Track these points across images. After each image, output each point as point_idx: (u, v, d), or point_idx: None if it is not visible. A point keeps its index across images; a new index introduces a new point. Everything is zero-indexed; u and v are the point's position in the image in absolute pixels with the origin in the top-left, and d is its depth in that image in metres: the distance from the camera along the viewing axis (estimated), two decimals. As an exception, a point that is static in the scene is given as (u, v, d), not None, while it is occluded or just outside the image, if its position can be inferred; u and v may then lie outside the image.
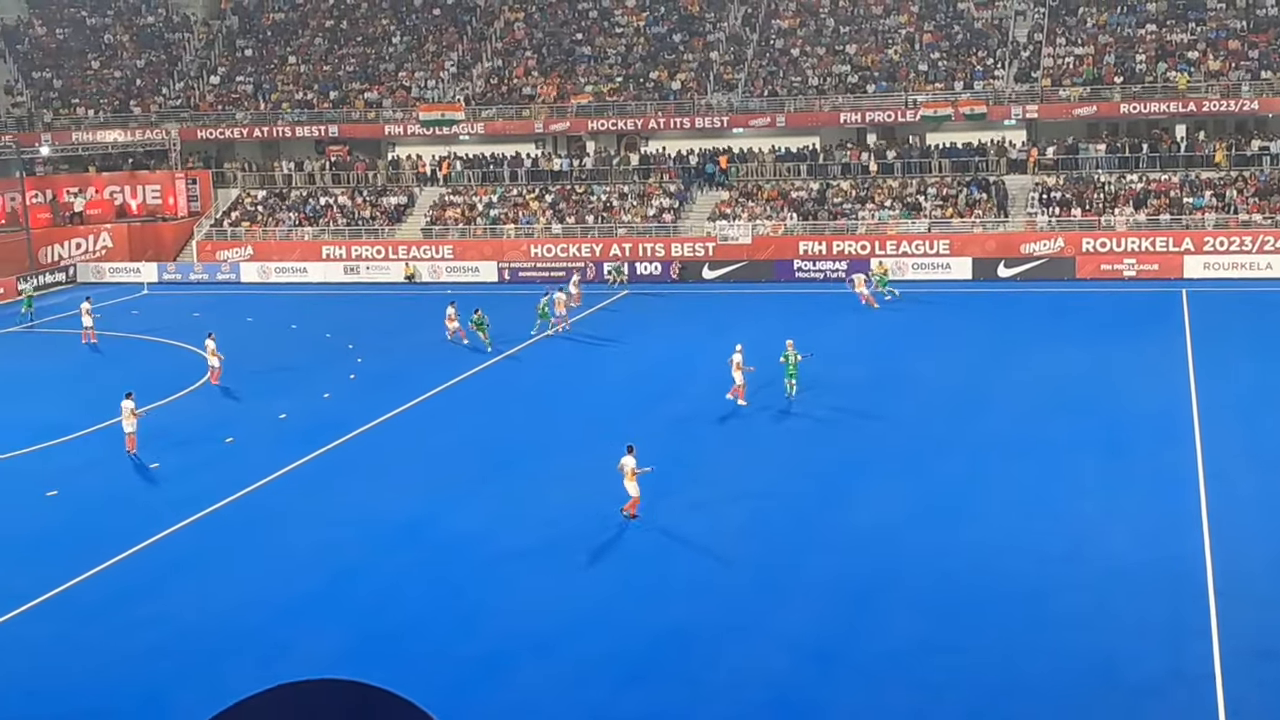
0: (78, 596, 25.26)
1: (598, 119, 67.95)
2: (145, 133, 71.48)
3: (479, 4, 77.03)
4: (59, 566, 26.47)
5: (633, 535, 27.55)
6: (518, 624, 23.40)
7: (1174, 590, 23.62)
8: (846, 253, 59.56)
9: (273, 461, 33.32)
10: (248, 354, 46.59)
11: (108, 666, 22.06)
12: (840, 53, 68.79)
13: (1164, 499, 28.48)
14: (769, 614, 23.43)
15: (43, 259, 66.00)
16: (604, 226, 63.81)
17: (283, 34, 77.61)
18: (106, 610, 24.56)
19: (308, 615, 24.00)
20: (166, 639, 23.08)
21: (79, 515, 30.12)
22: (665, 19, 73.24)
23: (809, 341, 43.18)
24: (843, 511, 28.67)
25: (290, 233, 67.34)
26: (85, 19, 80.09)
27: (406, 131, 69.85)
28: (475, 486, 31.31)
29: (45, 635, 23.60)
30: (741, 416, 36.51)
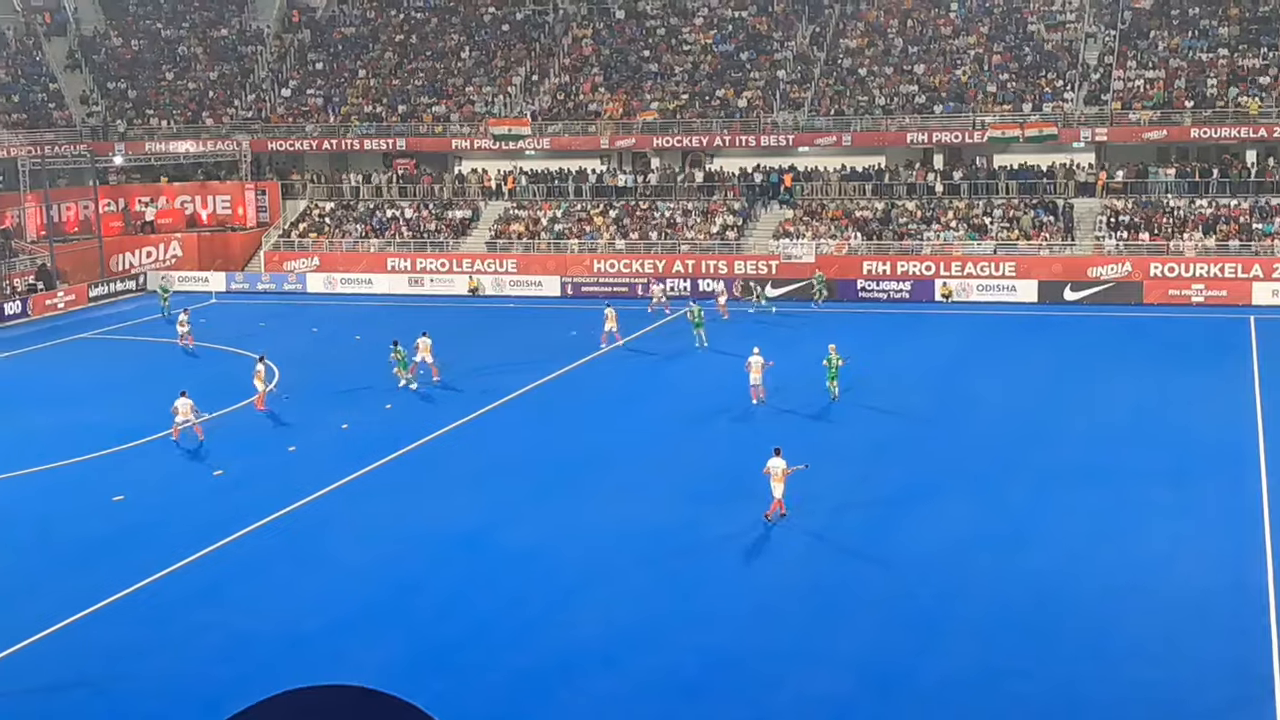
0: (143, 600, 25.55)
1: (663, 136, 68.08)
2: (217, 144, 72.37)
3: (548, 20, 77.46)
4: (124, 570, 26.79)
5: (690, 555, 27.49)
6: (575, 638, 23.42)
7: (1238, 622, 23.29)
8: (911, 273, 59.32)
9: (334, 471, 33.57)
10: (312, 364, 47.02)
11: (170, 672, 22.29)
12: (908, 73, 68.55)
13: (1229, 530, 28.07)
14: (830, 637, 23.30)
15: (114, 267, 66.91)
16: (667, 243, 63.89)
17: (353, 48, 78.38)
18: (169, 615, 24.82)
19: (367, 625, 24.14)
20: (227, 645, 23.30)
21: (144, 520, 30.47)
22: (733, 37, 73.31)
23: (875, 363, 43.10)
24: (905, 535, 28.48)
25: (356, 244, 67.94)
26: (161, 31, 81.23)
27: (473, 146, 70.30)
28: (536, 498, 31.39)
29: (113, 638, 23.87)
30: (802, 436, 36.39)
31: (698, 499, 31.08)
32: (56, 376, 44.32)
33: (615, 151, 69.90)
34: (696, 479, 32.73)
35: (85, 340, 51.29)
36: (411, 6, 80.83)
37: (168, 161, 72.45)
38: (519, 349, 49.20)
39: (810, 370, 40.77)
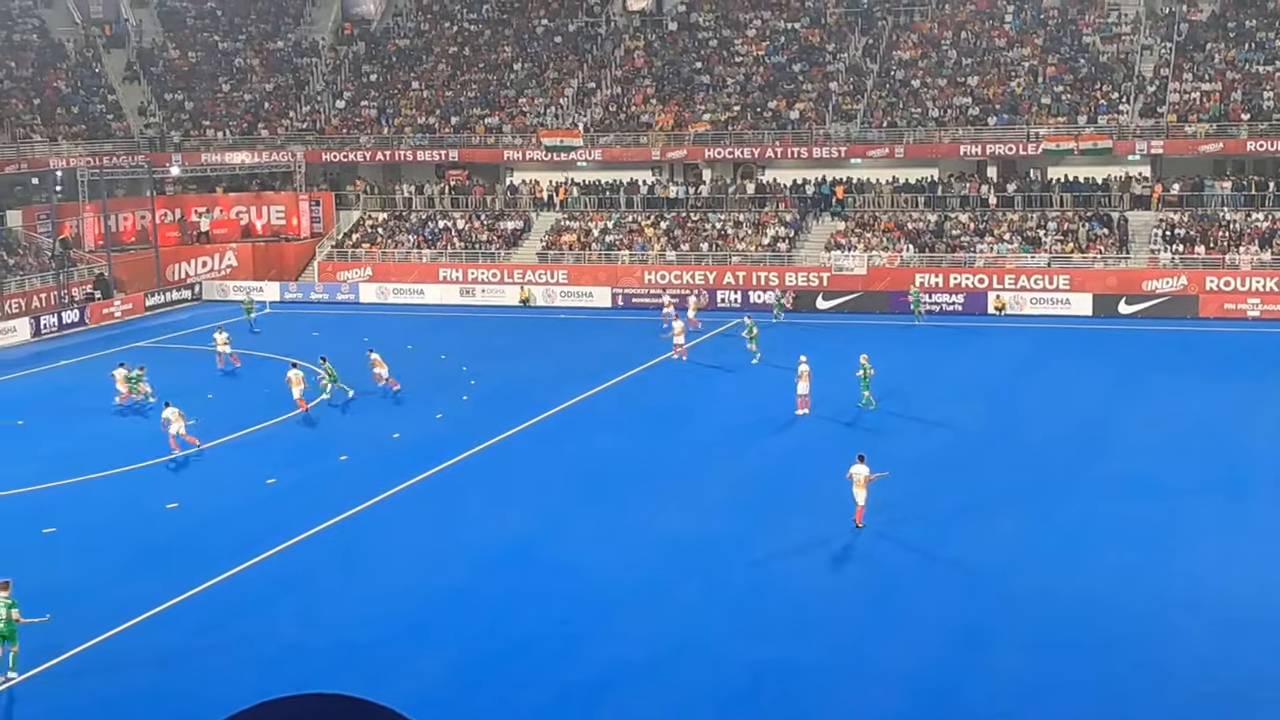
0: (194, 608, 25.75)
1: (715, 147, 68.06)
2: (272, 155, 72.98)
3: (600, 32, 77.67)
4: (176, 578, 27.01)
5: (738, 567, 27.43)
6: (622, 652, 23.41)
7: (1296, 640, 23.00)
8: (964, 286, 59.01)
9: (385, 481, 33.72)
10: (364, 374, 47.26)
11: (219, 681, 22.43)
12: (961, 84, 68.24)
13: (1287, 546, 27.75)
14: (879, 651, 23.18)
15: (170, 276, 67.58)
16: (718, 254, 63.84)
17: (407, 60, 78.87)
18: (219, 623, 25.00)
19: (415, 637, 24.22)
20: (277, 654, 23.45)
21: (197, 528, 30.72)
22: (785, 48, 73.23)
23: (927, 375, 42.95)
24: (957, 548, 28.30)
25: (409, 255, 68.32)
26: (217, 43, 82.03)
27: (525, 157, 70.54)
28: (584, 510, 31.42)
29: (164, 646, 24.07)
30: (852, 448, 36.20)
31: (744, 511, 31.03)
32: (114, 385, 44.75)
33: (667, 163, 69.93)
34: (743, 491, 32.68)
35: (141, 349, 51.76)
36: (464, 19, 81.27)
37: (223, 172, 73.12)
38: (569, 360, 49.30)
39: (855, 383, 40.57)
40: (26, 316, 58.12)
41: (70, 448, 38.25)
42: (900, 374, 45.66)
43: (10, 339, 56.06)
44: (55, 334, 57.77)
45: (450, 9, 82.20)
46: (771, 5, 76.30)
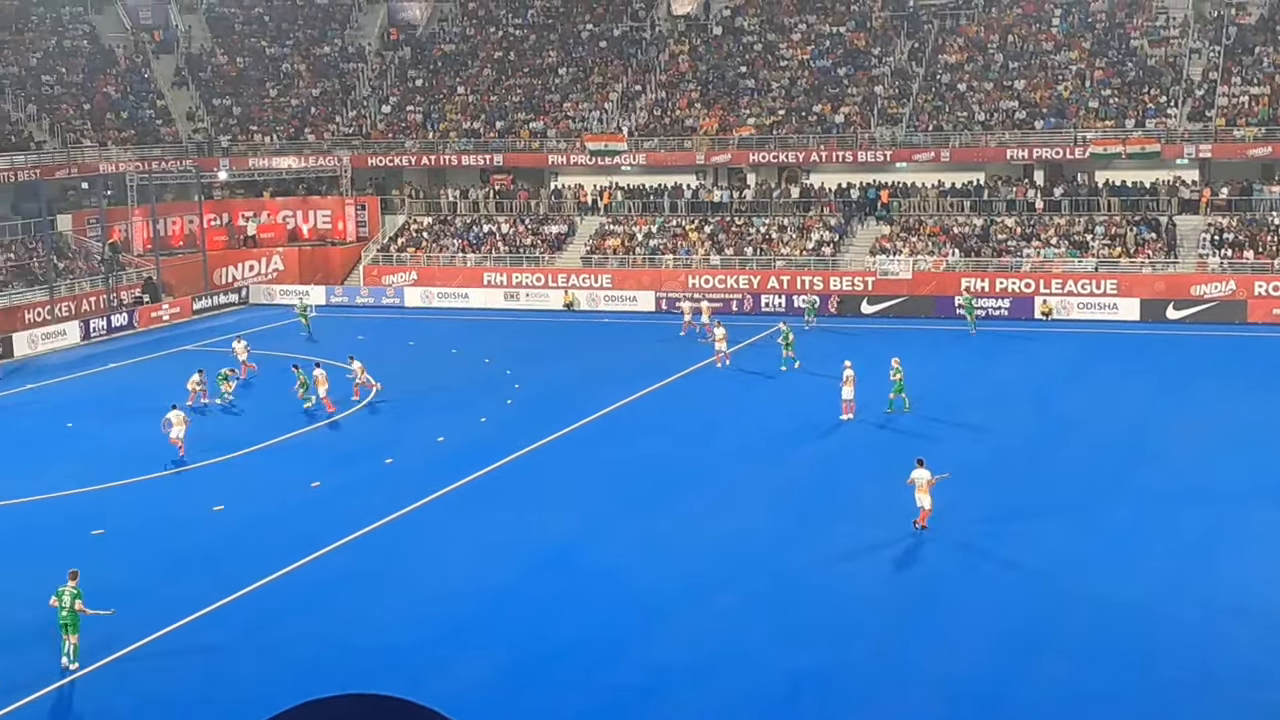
0: (240, 610, 25.94)
1: (759, 151, 67.97)
2: (318, 159, 73.42)
3: (645, 37, 77.74)
4: (223, 580, 27.22)
5: (781, 572, 27.37)
6: (665, 656, 23.40)
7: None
8: (1010, 290, 58.67)
9: (430, 484, 33.86)
10: (409, 377, 47.50)
11: (265, 682, 22.59)
12: (1008, 88, 67.86)
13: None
14: (923, 657, 23.08)
15: (217, 280, 68.09)
16: (763, 259, 63.76)
17: (452, 65, 79.18)
18: (265, 625, 25.17)
19: (460, 638, 24.31)
20: (323, 654, 23.58)
21: (243, 530, 30.95)
22: (830, 52, 73.05)
23: (973, 380, 42.78)
24: (1002, 554, 28.15)
25: (453, 259, 68.56)
26: (265, 49, 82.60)
27: (569, 161, 70.68)
28: (626, 514, 31.43)
29: (210, 647, 24.25)
30: (897, 454, 36.08)
31: (787, 516, 30.97)
32: (161, 387, 45.14)
33: (711, 167, 69.88)
34: (785, 496, 32.62)
35: (189, 352, 52.18)
36: (509, 23, 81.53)
37: (270, 177, 73.62)
38: (612, 364, 49.35)
39: (908, 386, 40.40)
40: (76, 320, 58.70)
41: (118, 450, 38.58)
42: (946, 379, 45.51)
43: (60, 342, 56.64)
44: (104, 337, 58.31)
45: (495, 14, 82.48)
46: (816, 9, 76.16)
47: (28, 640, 24.54)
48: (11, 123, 69.18)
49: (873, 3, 75.73)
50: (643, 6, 79.64)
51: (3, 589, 27.37)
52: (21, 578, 27.94)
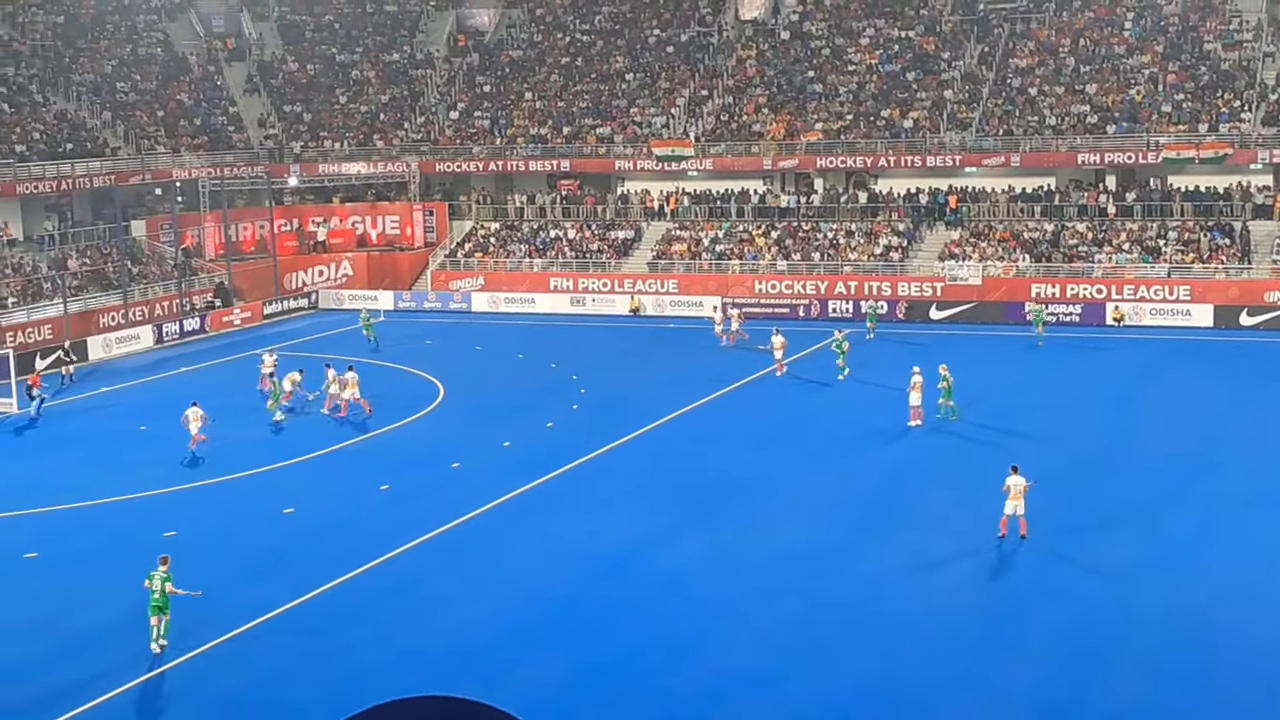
0: (310, 613, 26.13)
1: (827, 156, 67.67)
2: (387, 165, 73.95)
3: (712, 42, 77.67)
4: (292, 583, 27.46)
5: (849, 581, 27.19)
6: (729, 663, 23.33)
7: None
8: (1081, 296, 58.05)
9: (496, 488, 33.97)
10: (476, 382, 47.73)
11: (334, 685, 22.73)
12: (1080, 92, 67.17)
13: None
14: (990, 669, 22.85)
15: (287, 285, 68.71)
16: (829, 264, 63.47)
17: (520, 71, 79.49)
18: (335, 626, 25.34)
19: (523, 644, 24.35)
20: (389, 658, 23.70)
21: (312, 533, 31.19)
22: (899, 57, 72.64)
23: (1043, 387, 42.47)
24: (1073, 564, 27.83)
25: (520, 264, 68.80)
26: (335, 56, 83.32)
27: (636, 166, 70.73)
28: (691, 520, 31.37)
29: (281, 650, 24.45)
30: (963, 467, 35.79)
31: (854, 524, 30.80)
32: (231, 391, 45.62)
33: (778, 172, 69.68)
34: (853, 504, 32.44)
35: (259, 356, 52.64)
36: (577, 29, 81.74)
37: (340, 182, 74.25)
38: (678, 370, 49.30)
39: (976, 392, 40.10)
40: (150, 324, 59.43)
41: (189, 453, 38.98)
42: (1015, 385, 45.15)
43: (134, 346, 57.37)
44: (177, 341, 59.00)
45: (563, 20, 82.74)
46: (885, 13, 75.76)
47: (103, 638, 24.88)
48: (87, 129, 70.21)
49: (942, 6, 75.28)
50: (710, 11, 79.58)
51: (79, 588, 27.74)
52: (96, 577, 28.34)
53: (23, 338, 54.29)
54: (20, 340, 53.59)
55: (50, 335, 55.57)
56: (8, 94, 68.87)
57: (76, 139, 68.41)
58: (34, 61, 73.25)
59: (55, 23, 77.63)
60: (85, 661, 23.85)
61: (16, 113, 67.92)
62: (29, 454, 40.24)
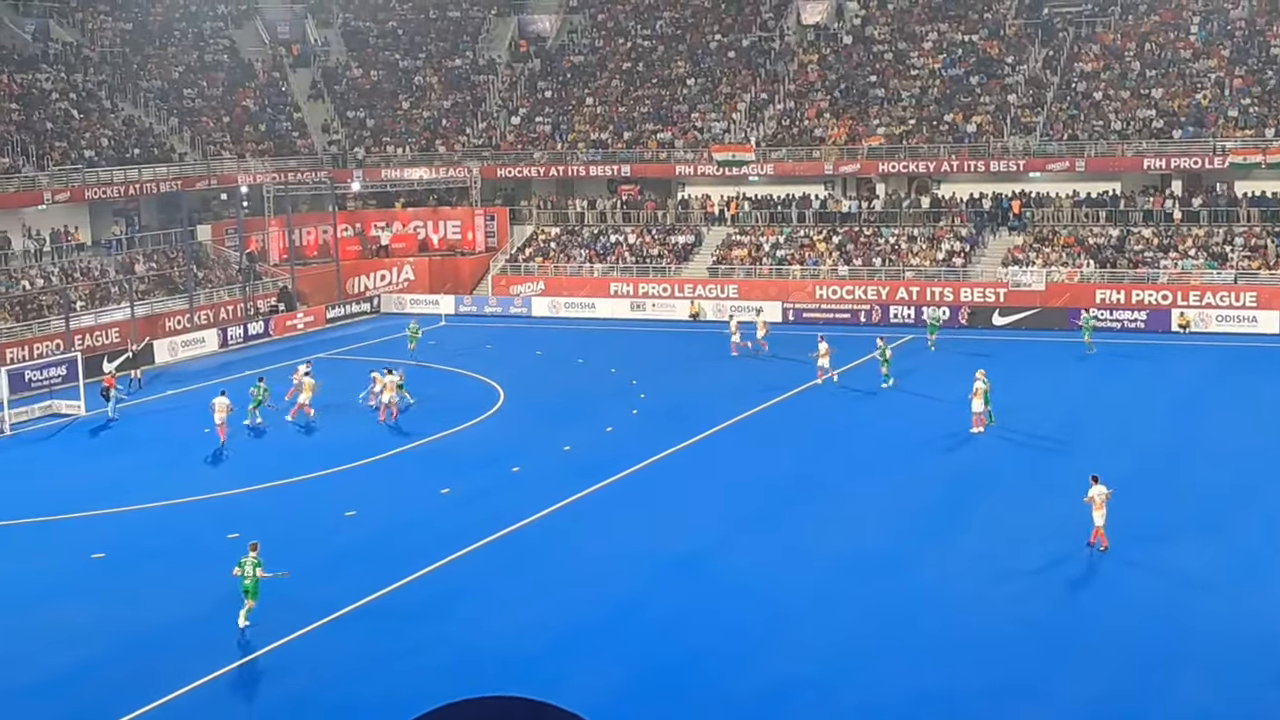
0: (371, 614, 26.30)
1: (889, 161, 67.37)
2: (448, 170, 74.38)
3: (774, 47, 77.53)
4: (353, 584, 27.63)
5: (910, 588, 27.03)
6: (790, 668, 23.26)
7: None
8: (1146, 302, 57.44)
9: (556, 492, 34.04)
10: (536, 386, 47.88)
11: (395, 687, 22.87)
12: (1145, 97, 66.48)
13: None
14: (1052, 677, 22.64)
15: (350, 289, 69.24)
16: (891, 269, 63.18)
17: (581, 76, 79.71)
18: (397, 627, 25.49)
19: (586, 646, 24.39)
20: (451, 660, 23.81)
21: (373, 536, 31.38)
22: (962, 61, 72.19)
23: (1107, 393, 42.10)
24: (1135, 571, 27.53)
25: (580, 269, 68.96)
26: (398, 62, 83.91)
27: (697, 172, 70.70)
28: (752, 525, 31.31)
29: (342, 651, 24.62)
30: (1027, 475, 35.51)
31: (916, 531, 30.63)
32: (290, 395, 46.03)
33: (839, 177, 69.43)
34: (915, 510, 32.25)
35: (322, 360, 53.09)
36: (638, 35, 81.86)
37: (402, 187, 74.73)
38: (739, 375, 49.20)
39: (1039, 399, 39.77)
40: (214, 328, 60.07)
41: (253, 455, 39.38)
42: (1080, 391, 44.78)
43: (199, 349, 57.97)
44: (241, 345, 59.57)
45: (624, 25, 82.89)
46: (949, 17, 75.35)
47: (168, 638, 25.15)
48: (155, 135, 71.09)
49: (1006, 10, 74.77)
50: (772, 16, 79.46)
51: (144, 588, 28.06)
52: (162, 578, 28.66)
53: (90, 341, 55.03)
54: (88, 343, 54.32)
55: (117, 338, 56.32)
56: (77, 100, 69.85)
57: (144, 144, 69.29)
58: (103, 68, 74.26)
59: (124, 30, 78.68)
60: (150, 661, 24.12)
61: (86, 118, 68.87)
62: (97, 455, 40.81)
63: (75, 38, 75.31)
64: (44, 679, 23.65)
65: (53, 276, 60.00)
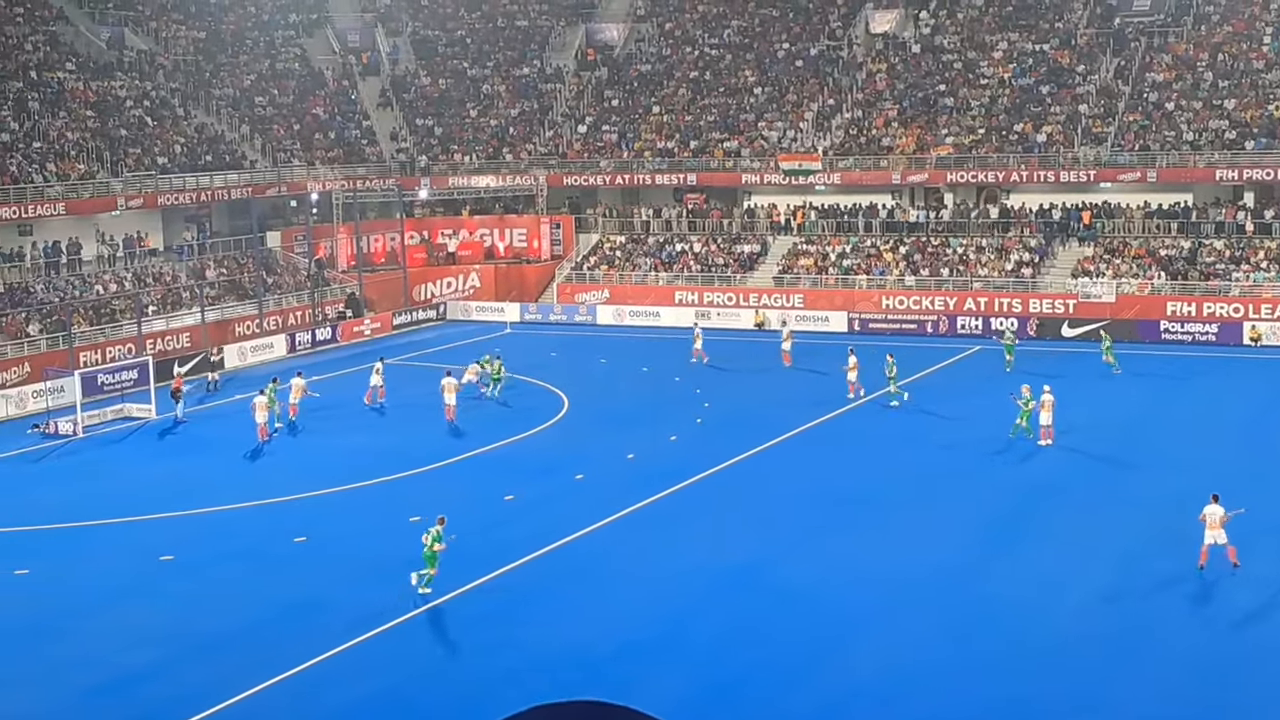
0: (435, 618, 26.43)
1: (957, 170, 66.92)
2: (515, 178, 74.68)
3: (842, 55, 77.27)
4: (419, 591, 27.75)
5: (971, 599, 26.79)
6: (852, 679, 23.15)
7: None
8: (1218, 315, 56.68)
9: (619, 500, 34.05)
10: (600, 394, 47.95)
11: (463, 689, 22.99)
12: (1218, 107, 65.66)
13: None
14: (1118, 692, 22.36)
15: (416, 296, 69.66)
16: (959, 279, 62.74)
17: (648, 85, 79.79)
18: (460, 633, 25.62)
19: (647, 656, 24.37)
20: (516, 666, 23.85)
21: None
22: (1033, 70, 71.60)
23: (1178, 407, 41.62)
24: (1203, 588, 27.14)
25: (646, 277, 68.99)
26: (466, 70, 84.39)
27: (763, 180, 70.57)
28: (815, 536, 31.18)
29: (409, 654, 24.77)
30: (1097, 482, 35.12)
31: (981, 543, 30.40)
32: (360, 400, 46.35)
33: (907, 186, 69.06)
34: (981, 523, 31.98)
35: (388, 366, 53.40)
36: (706, 43, 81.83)
37: (469, 195, 75.11)
38: (801, 385, 48.98)
39: (1108, 412, 39.34)
40: (283, 333, 60.62)
41: (320, 459, 39.70)
42: (1150, 406, 44.27)
43: (268, 354, 58.52)
44: (309, 350, 60.07)
45: (692, 34, 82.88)
46: (1019, 26, 74.76)
47: (234, 641, 25.39)
48: (226, 143, 71.92)
49: (1078, 20, 74.10)
50: (840, 25, 79.18)
51: (211, 592, 28.34)
52: (229, 581, 28.93)
53: (162, 345, 55.70)
54: (159, 348, 54.99)
55: (188, 343, 56.98)
56: (151, 107, 70.81)
57: (215, 151, 70.11)
58: (176, 75, 75.23)
59: (197, 38, 79.68)
60: (218, 664, 24.35)
61: (159, 125, 69.80)
62: (167, 458, 41.28)
63: (150, 46, 76.35)
64: (114, 679, 23.96)
65: (125, 281, 60.81)
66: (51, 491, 37.04)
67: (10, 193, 58.03)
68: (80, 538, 32.75)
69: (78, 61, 70.37)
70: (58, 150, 63.03)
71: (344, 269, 69.12)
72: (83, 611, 27.43)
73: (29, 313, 54.78)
